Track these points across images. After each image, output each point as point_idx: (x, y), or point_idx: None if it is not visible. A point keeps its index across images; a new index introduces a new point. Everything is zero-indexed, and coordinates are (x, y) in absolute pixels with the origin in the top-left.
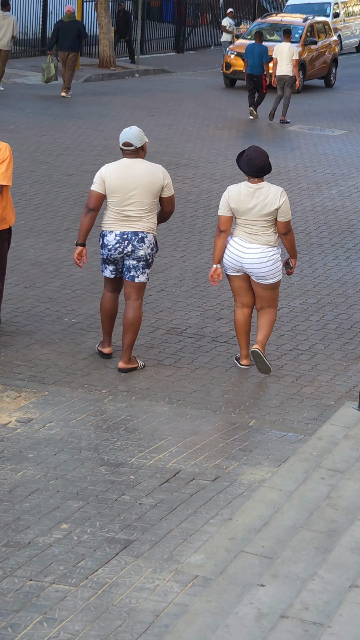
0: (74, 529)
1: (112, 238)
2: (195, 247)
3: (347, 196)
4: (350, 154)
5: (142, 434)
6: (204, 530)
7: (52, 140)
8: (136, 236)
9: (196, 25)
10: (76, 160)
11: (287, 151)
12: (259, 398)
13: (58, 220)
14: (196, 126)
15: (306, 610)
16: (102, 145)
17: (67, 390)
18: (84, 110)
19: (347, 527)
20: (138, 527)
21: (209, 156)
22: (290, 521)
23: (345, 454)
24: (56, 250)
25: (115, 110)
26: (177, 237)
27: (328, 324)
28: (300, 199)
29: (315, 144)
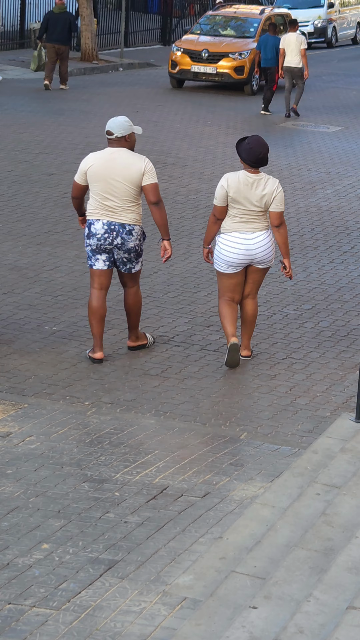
0: (56, 549)
1: (100, 227)
2: (183, 250)
3: (343, 196)
4: (346, 151)
5: (127, 448)
6: (193, 549)
7: (31, 138)
8: (124, 229)
9: (184, 16)
10: (57, 159)
11: (280, 149)
12: (251, 409)
13: (38, 223)
14: (184, 123)
15: (301, 633)
16: (85, 143)
17: (47, 403)
18: (65, 107)
19: (344, 545)
20: (123, 547)
21: (197, 154)
22: (284, 539)
23: (342, 468)
24: (36, 254)
25: (98, 106)
26: None
27: (323, 331)
28: (293, 200)
29: (310, 141)
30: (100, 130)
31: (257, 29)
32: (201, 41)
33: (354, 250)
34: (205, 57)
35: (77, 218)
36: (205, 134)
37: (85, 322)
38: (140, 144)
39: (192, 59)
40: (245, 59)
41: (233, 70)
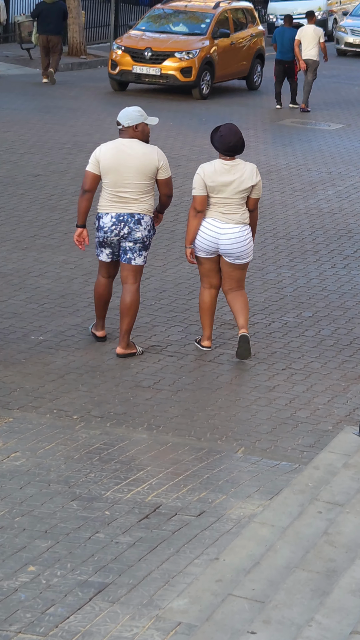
0: (43, 572)
1: (108, 220)
2: (176, 255)
3: (344, 197)
4: (349, 150)
5: (118, 464)
6: (188, 571)
7: (16, 137)
8: (132, 218)
9: None
10: (43, 159)
11: (279, 148)
12: (249, 423)
13: (23, 227)
14: (177, 120)
15: None
16: (72, 142)
17: (34, 417)
18: (51, 104)
19: (347, 566)
20: (114, 569)
21: (191, 154)
22: (284, 561)
23: (345, 484)
24: (21, 259)
25: (86, 103)
26: (156, 244)
27: (325, 339)
28: (293, 201)
29: (310, 140)
30: (88, 128)
31: (210, 24)
32: (145, 38)
33: (356, 255)
34: (149, 57)
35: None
36: (200, 131)
37: (73, 332)
38: None
39: (134, 59)
40: (193, 59)
41: (179, 72)
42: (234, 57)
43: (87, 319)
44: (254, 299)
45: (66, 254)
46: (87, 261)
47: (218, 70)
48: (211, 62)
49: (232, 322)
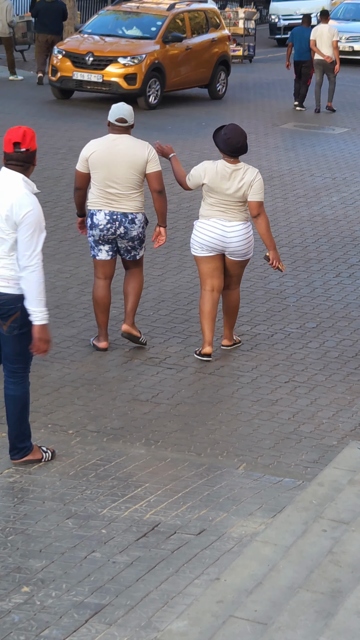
0: (37, 593)
1: (102, 217)
2: (175, 264)
3: (349, 204)
4: (353, 155)
5: (115, 481)
6: (188, 592)
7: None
8: (126, 218)
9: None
10: (38, 164)
11: (281, 152)
12: (250, 438)
13: None
14: (176, 124)
15: None
16: (67, 147)
17: None
18: (45, 108)
19: (353, 587)
20: (111, 590)
21: (191, 159)
22: (287, 581)
23: (351, 502)
24: None
25: (81, 107)
26: (155, 252)
27: (329, 351)
28: (296, 208)
29: (313, 144)
30: (84, 133)
31: (161, 27)
32: (88, 42)
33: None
34: (90, 62)
35: (59, 229)
36: (200, 135)
37: (68, 343)
38: None
39: (75, 64)
40: (139, 65)
41: (123, 79)
42: (190, 63)
43: (83, 330)
44: (256, 309)
45: (61, 263)
46: (82, 270)
47: (170, 77)
48: (161, 68)
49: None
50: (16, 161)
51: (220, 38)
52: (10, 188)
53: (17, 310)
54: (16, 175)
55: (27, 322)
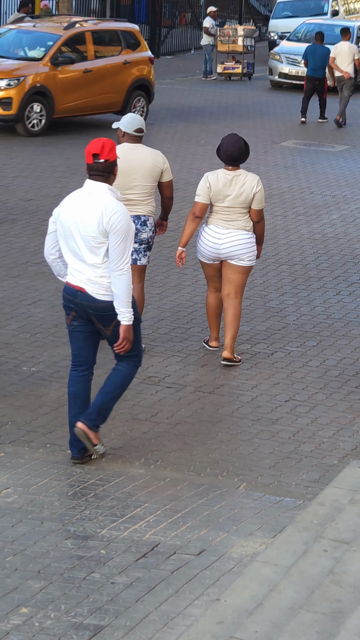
0: (36, 614)
1: None
2: (174, 282)
3: (350, 222)
4: (353, 172)
5: (114, 501)
6: (188, 613)
7: (7, 160)
8: (139, 220)
9: (174, 26)
10: (35, 183)
11: (281, 170)
12: (250, 457)
13: (15, 253)
14: (174, 142)
15: None
16: (65, 165)
17: (26, 451)
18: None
19: (355, 607)
20: (110, 611)
21: (190, 177)
22: (288, 601)
23: (352, 521)
24: (13, 287)
25: (83, 124)
26: (154, 270)
27: (330, 370)
28: (296, 225)
29: (313, 162)
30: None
31: (51, 48)
32: None
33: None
34: None
35: None
36: (199, 154)
37: (67, 362)
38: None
39: None
40: (14, 88)
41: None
42: (92, 87)
43: None
44: (256, 327)
45: (59, 282)
46: None
47: (60, 102)
48: (45, 92)
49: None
50: (96, 171)
51: (137, 60)
52: (97, 198)
53: (116, 317)
54: (101, 185)
55: None
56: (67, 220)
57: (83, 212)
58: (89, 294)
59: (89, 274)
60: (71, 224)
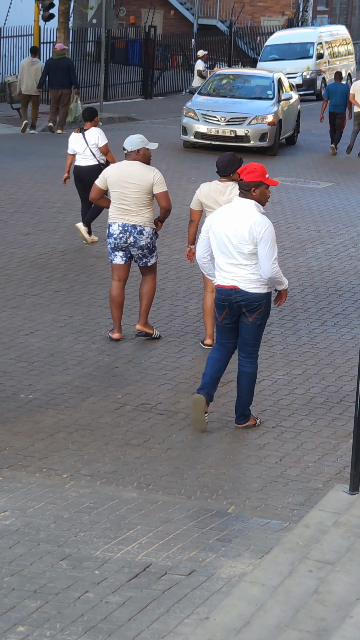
0: (32, 632)
1: (116, 228)
2: (166, 312)
3: (334, 255)
4: (337, 208)
5: (107, 523)
6: (178, 631)
7: (6, 196)
8: (135, 229)
9: (166, 68)
10: (33, 218)
11: (267, 205)
12: (239, 481)
13: (13, 285)
14: (166, 179)
15: None
16: (62, 201)
17: (23, 475)
18: (41, 163)
19: (338, 625)
20: (104, 629)
21: (181, 212)
22: (275, 620)
23: (336, 543)
24: (11, 318)
25: None
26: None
27: (315, 397)
28: (282, 259)
29: (299, 198)
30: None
31: None
32: None
33: (346, 312)
34: None
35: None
36: (190, 190)
37: (63, 390)
38: None
39: None
40: None
41: None
42: None
43: (77, 377)
44: None
45: (56, 313)
46: (76, 319)
47: None
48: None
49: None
50: (241, 189)
51: None
52: (246, 212)
53: (262, 306)
54: (248, 201)
55: (266, 314)
56: (219, 231)
57: (234, 224)
58: (241, 289)
59: (240, 273)
60: (223, 234)
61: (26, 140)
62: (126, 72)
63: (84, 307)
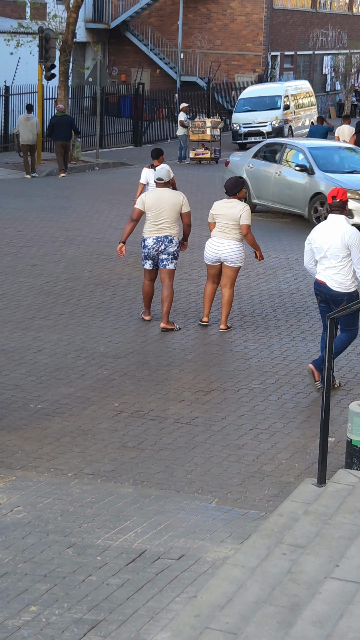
0: (43, 611)
1: (151, 241)
2: (155, 331)
3: (301, 279)
4: (303, 239)
5: (107, 515)
6: (170, 608)
7: (15, 232)
8: (167, 239)
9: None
10: (39, 251)
11: None
12: (221, 477)
13: (22, 310)
14: None
15: None
16: (64, 236)
17: (33, 475)
18: (46, 203)
19: (309, 601)
20: (105, 607)
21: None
22: (254, 597)
23: (306, 529)
24: (21, 338)
25: (76, 202)
26: (139, 325)
27: (286, 403)
28: (257, 284)
29: (270, 231)
30: (78, 224)
31: None
32: None
33: (312, 329)
34: None
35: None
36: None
37: (67, 400)
38: (115, 235)
39: None
40: None
41: None
42: None
43: (79, 389)
44: (224, 368)
45: (60, 333)
46: (78, 339)
47: None
48: None
49: (205, 389)
50: (336, 207)
51: None
52: (339, 225)
53: (344, 301)
54: (340, 216)
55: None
56: (318, 241)
57: (330, 235)
58: (328, 286)
59: (329, 273)
60: (322, 244)
61: (32, 184)
62: (119, 123)
63: (84, 328)
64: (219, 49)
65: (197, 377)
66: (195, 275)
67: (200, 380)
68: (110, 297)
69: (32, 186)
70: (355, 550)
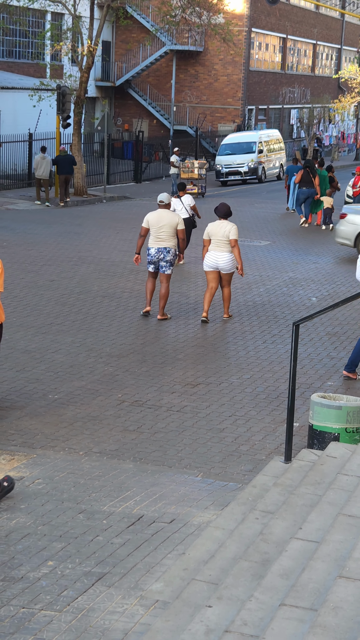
0: (58, 565)
1: (154, 251)
2: (152, 334)
3: (272, 293)
4: (274, 259)
5: (112, 486)
6: (163, 563)
7: (37, 253)
8: (165, 249)
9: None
10: (57, 269)
11: None
12: (205, 455)
13: (43, 317)
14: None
15: (245, 625)
16: (77, 257)
17: (51, 453)
18: (62, 230)
19: (277, 557)
20: (110, 562)
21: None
22: (232, 554)
23: (275, 498)
24: (42, 340)
25: (87, 229)
26: (138, 330)
27: (259, 394)
28: (235, 296)
29: (246, 252)
30: (89, 247)
31: None
32: None
33: (281, 334)
34: None
35: (72, 313)
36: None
37: (79, 392)
38: (119, 256)
39: None
40: None
41: None
42: None
43: (89, 382)
44: (208, 366)
45: (74, 336)
46: (89, 341)
47: None
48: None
49: (192, 382)
50: None
51: None
52: None
53: None
54: None
55: None
56: None
57: None
58: None
59: None
60: None
61: (50, 214)
62: (122, 164)
63: (94, 332)
64: (205, 103)
65: (186, 372)
66: (192, 286)
67: (189, 376)
68: (115, 307)
69: (50, 215)
70: (315, 516)
